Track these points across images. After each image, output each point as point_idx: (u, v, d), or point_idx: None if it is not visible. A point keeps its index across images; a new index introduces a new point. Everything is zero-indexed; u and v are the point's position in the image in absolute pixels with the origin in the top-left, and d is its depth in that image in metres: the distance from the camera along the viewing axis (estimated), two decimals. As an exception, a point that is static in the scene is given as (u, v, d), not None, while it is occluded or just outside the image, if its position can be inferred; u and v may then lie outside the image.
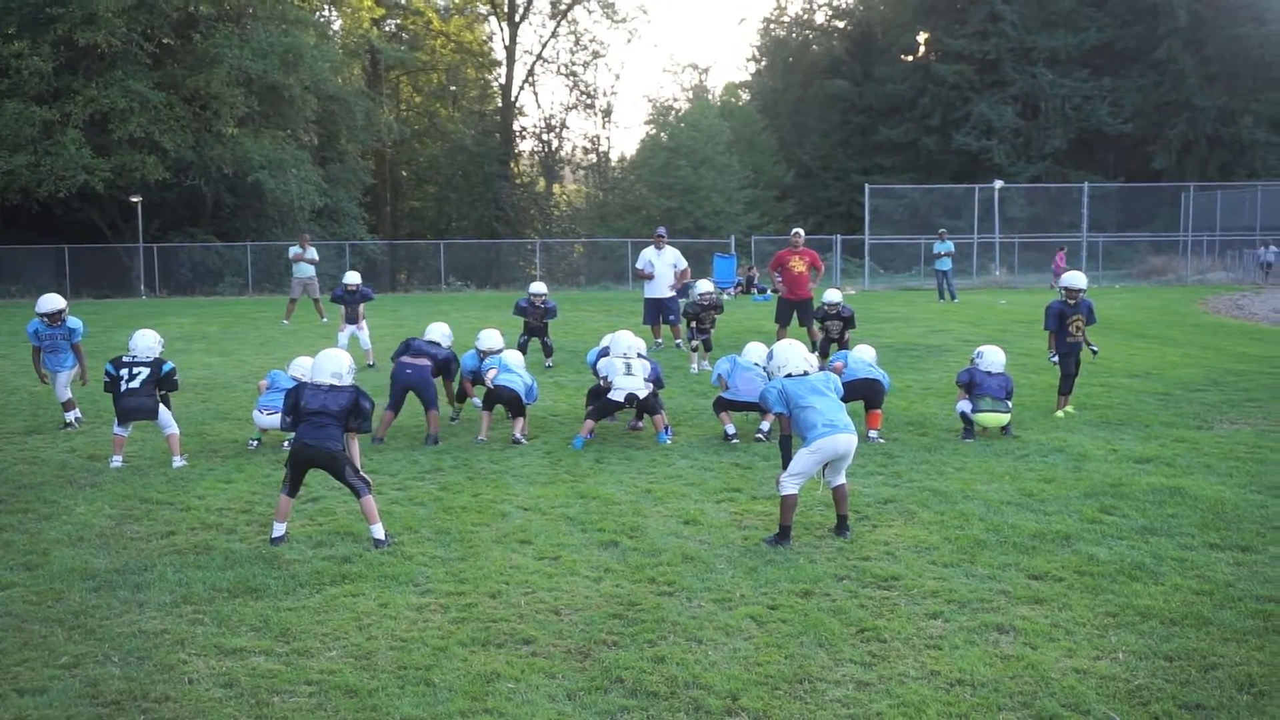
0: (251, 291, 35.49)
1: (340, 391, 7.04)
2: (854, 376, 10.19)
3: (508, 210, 51.69)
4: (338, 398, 6.99)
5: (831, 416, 6.84)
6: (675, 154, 50.06)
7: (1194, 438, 9.88)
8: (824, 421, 6.79)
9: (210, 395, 13.12)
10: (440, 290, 38.05)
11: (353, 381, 7.22)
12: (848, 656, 5.04)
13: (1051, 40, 53.08)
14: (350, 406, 7.00)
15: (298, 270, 23.02)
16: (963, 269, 34.67)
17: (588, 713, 4.52)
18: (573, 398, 12.45)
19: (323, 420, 6.91)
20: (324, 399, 6.98)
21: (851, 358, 10.59)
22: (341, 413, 6.95)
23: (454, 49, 55.08)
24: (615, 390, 9.92)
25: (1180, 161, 51.97)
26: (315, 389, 7.06)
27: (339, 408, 6.96)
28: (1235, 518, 7.16)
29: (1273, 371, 13.85)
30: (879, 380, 10.30)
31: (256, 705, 4.63)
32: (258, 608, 5.77)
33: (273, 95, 36.71)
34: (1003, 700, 4.56)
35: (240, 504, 7.97)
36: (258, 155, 35.08)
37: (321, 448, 6.89)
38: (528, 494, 8.17)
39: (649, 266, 16.83)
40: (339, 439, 6.95)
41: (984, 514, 7.37)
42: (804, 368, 7.21)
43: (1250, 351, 16.07)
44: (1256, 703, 4.48)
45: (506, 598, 5.89)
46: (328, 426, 6.91)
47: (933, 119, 54.42)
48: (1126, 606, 5.58)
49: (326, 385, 7.06)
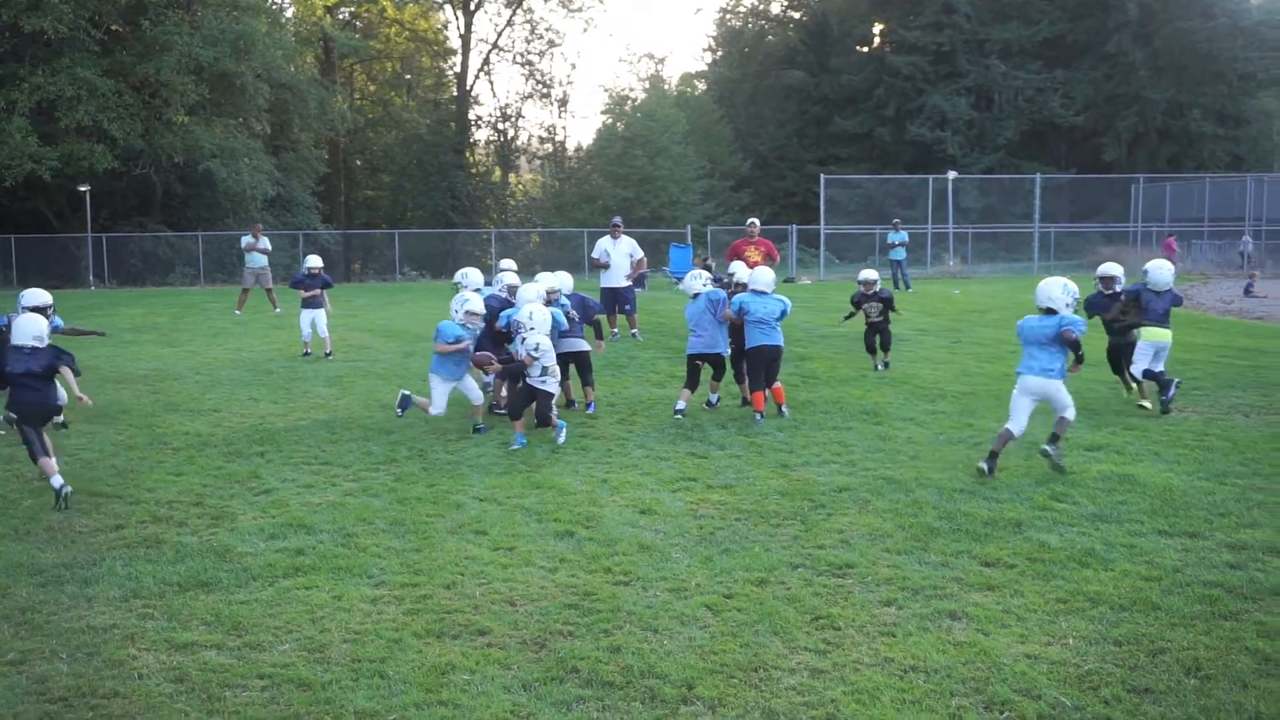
0: (203, 282, 35.10)
1: (40, 353, 7.84)
2: (754, 344, 10.48)
3: (463, 200, 51.38)
4: (39, 359, 7.81)
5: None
6: (631, 144, 49.98)
7: (1143, 426, 10.02)
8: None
9: (161, 387, 12.96)
10: (395, 280, 37.82)
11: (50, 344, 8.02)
12: (802, 644, 5.06)
13: (1005, 32, 53.53)
14: (51, 365, 7.86)
15: (250, 260, 22.76)
16: (917, 259, 34.93)
17: (543, 703, 4.51)
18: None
19: (31, 382, 7.77)
20: (27, 362, 7.78)
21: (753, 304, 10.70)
22: (46, 372, 7.84)
23: (408, 37, 54.63)
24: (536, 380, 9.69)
25: (1130, 153, 52.65)
26: (18, 352, 7.83)
27: (41, 368, 7.81)
28: (1183, 504, 7.27)
29: (1219, 360, 14.08)
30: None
31: (208, 700, 4.58)
32: (209, 601, 5.70)
33: (224, 83, 36.22)
34: (955, 686, 4.60)
35: (191, 497, 7.87)
36: (209, 144, 34.61)
37: (43, 405, 7.95)
38: (483, 484, 8.13)
39: (605, 256, 16.81)
40: (54, 394, 8.22)
41: (937, 502, 7.43)
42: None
43: (1198, 341, 16.32)
44: (1203, 686, 4.55)
45: (461, 589, 5.86)
46: (37, 388, 7.82)
47: (888, 110, 54.71)
48: (1077, 592, 5.65)
49: (28, 348, 7.83)
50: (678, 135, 50.91)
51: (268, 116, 40.87)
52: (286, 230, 38.03)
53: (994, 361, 14.01)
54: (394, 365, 14.49)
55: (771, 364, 10.58)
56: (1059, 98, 53.10)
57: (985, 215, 43.23)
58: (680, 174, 50.12)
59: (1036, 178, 38.32)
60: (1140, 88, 51.73)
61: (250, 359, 15.31)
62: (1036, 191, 37.49)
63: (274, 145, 41.68)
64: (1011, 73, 53.19)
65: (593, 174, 52.96)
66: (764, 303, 10.57)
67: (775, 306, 10.58)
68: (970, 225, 40.35)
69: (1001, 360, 13.99)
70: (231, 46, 34.85)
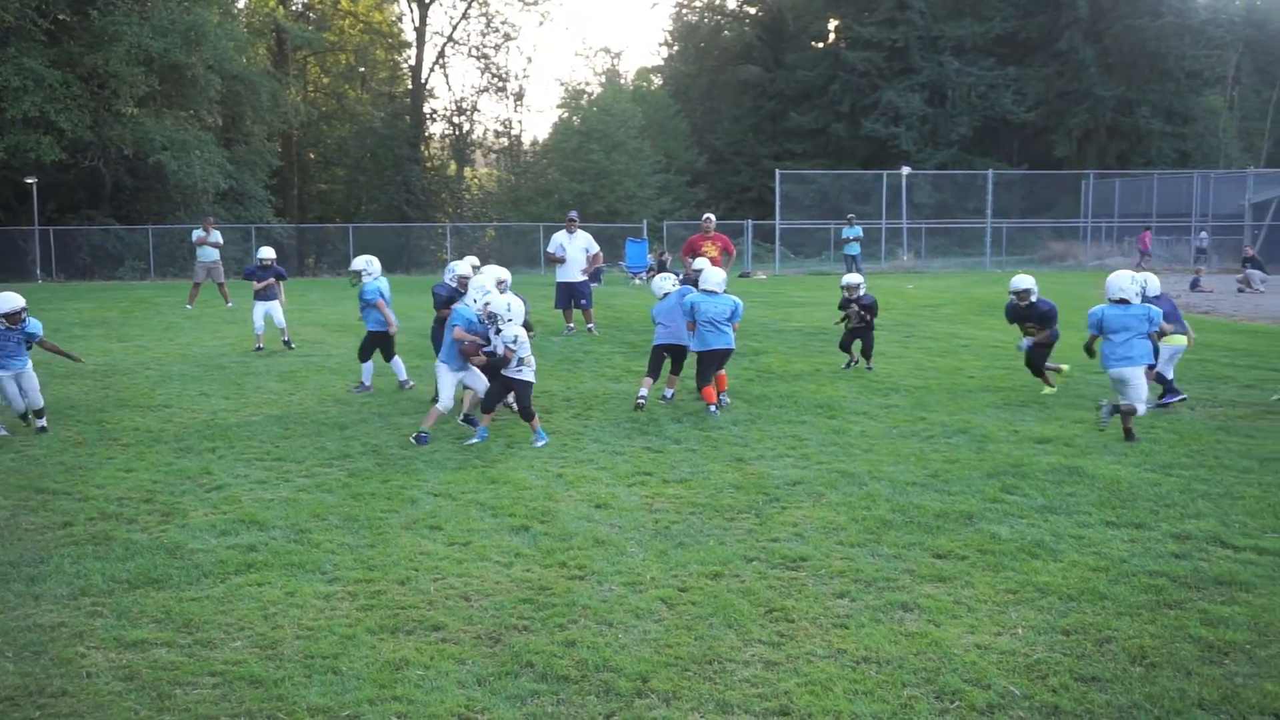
0: (153, 276, 34.62)
1: None
2: (706, 347, 10.65)
3: (418, 194, 51.04)
4: None
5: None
6: (588, 138, 49.89)
7: (1092, 419, 10.16)
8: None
9: (110, 382, 12.79)
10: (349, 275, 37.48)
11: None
12: (756, 637, 5.10)
13: (958, 29, 53.98)
14: None
15: (201, 254, 22.52)
16: (871, 254, 35.19)
17: (498, 698, 4.51)
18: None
19: None
20: None
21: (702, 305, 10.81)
22: None
23: (362, 30, 54.17)
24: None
25: (1081, 150, 53.29)
26: None
27: None
28: (1130, 496, 7.39)
29: (1167, 354, 14.28)
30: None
31: (158, 698, 4.54)
32: (159, 599, 5.64)
33: (174, 75, 35.68)
34: (907, 677, 4.65)
35: (141, 493, 7.78)
36: (159, 136, 34.10)
37: None
38: (438, 480, 8.10)
39: (560, 250, 16.77)
40: None
41: (890, 495, 7.50)
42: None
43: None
44: (1148, 674, 4.63)
45: (416, 584, 5.84)
46: None
47: (842, 105, 55.00)
48: (1026, 583, 5.72)
49: None
50: (634, 130, 50.90)
51: (219, 109, 40.35)
52: (239, 224, 37.59)
53: (946, 356, 14.15)
54: (347, 360, 14.35)
55: (721, 362, 10.84)
56: (1011, 94, 53.62)
57: (939, 211, 43.60)
58: (636, 169, 50.11)
59: (989, 174, 38.70)
60: (1090, 85, 52.37)
61: (202, 354, 15.14)
62: (989, 187, 37.86)
63: (226, 138, 41.17)
64: (964, 69, 53.66)
65: (549, 168, 52.80)
66: (715, 302, 10.68)
67: (726, 306, 10.71)
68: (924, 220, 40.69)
69: (954, 355, 14.14)
70: (182, 37, 34.35)
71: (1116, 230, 41.25)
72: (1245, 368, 12.96)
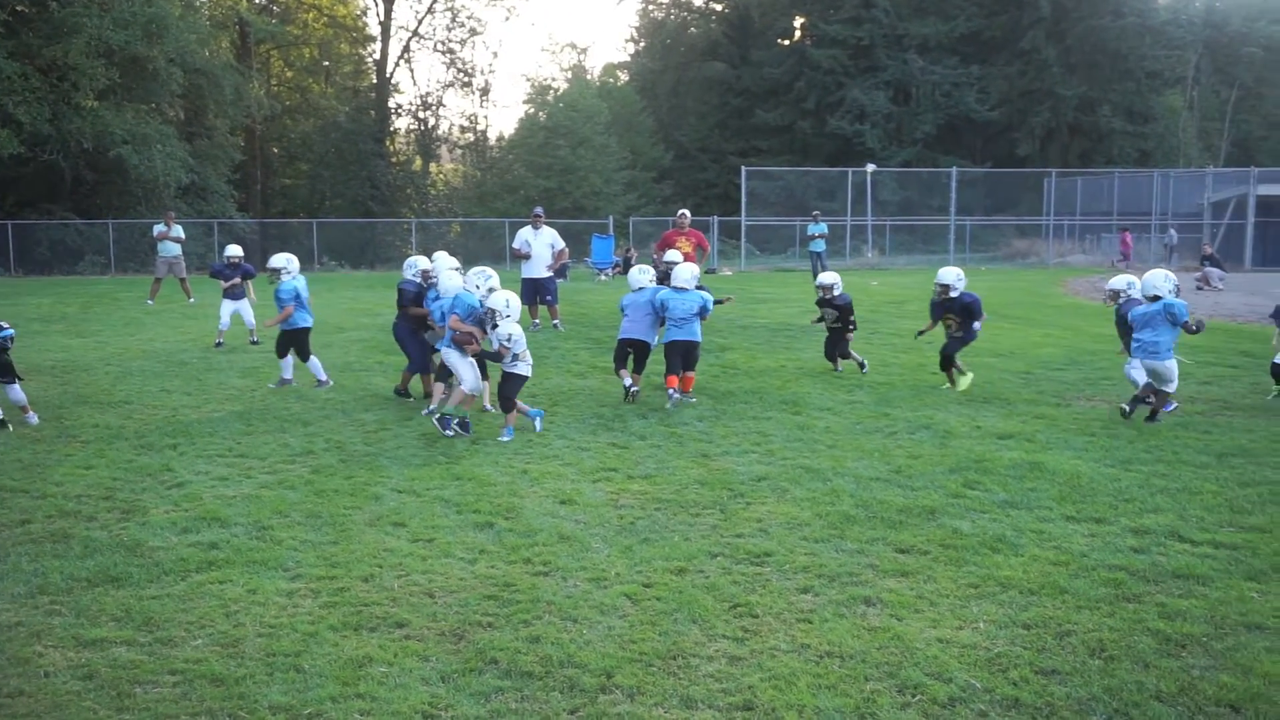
0: (114, 271, 34.23)
1: None
2: (669, 339, 10.97)
3: (383, 189, 50.77)
4: None
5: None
6: (554, 134, 49.82)
7: (1053, 414, 10.27)
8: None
9: (69, 378, 12.63)
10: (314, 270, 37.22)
11: None
12: (721, 632, 5.11)
13: (923, 27, 54.35)
14: None
15: (163, 249, 22.29)
16: (836, 250, 35.34)
17: (461, 694, 4.50)
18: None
19: None
20: None
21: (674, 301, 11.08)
22: None
23: (327, 23, 53.75)
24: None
25: (1043, 148, 53.80)
26: None
27: None
28: (1090, 491, 7.46)
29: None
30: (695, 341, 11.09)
31: (118, 697, 4.49)
32: (119, 597, 5.58)
33: (135, 67, 35.25)
34: (870, 671, 4.68)
35: (100, 490, 7.69)
36: (120, 129, 33.70)
37: None
38: (402, 476, 8.07)
39: (526, 246, 16.74)
40: None
41: (854, 490, 7.54)
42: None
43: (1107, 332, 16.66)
44: (1107, 667, 4.68)
45: (379, 581, 5.81)
46: None
47: (808, 103, 55.25)
48: (988, 577, 5.77)
49: None
50: (600, 126, 50.88)
51: (181, 102, 39.95)
52: (201, 219, 37.23)
53: (910, 352, 14.23)
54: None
55: (687, 354, 10.99)
56: (975, 93, 54.07)
57: (903, 208, 43.86)
58: (602, 165, 50.10)
59: (953, 171, 38.98)
60: (1053, 84, 52.88)
61: (163, 349, 14.99)
62: (953, 185, 38.13)
63: (188, 132, 40.74)
64: (929, 67, 54.04)
65: (515, 164, 52.70)
66: (683, 299, 10.97)
67: (694, 302, 10.97)
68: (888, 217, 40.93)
69: (917, 351, 14.22)
70: (143, 30, 33.95)
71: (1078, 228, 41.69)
72: (1203, 364, 13.11)
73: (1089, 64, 53.38)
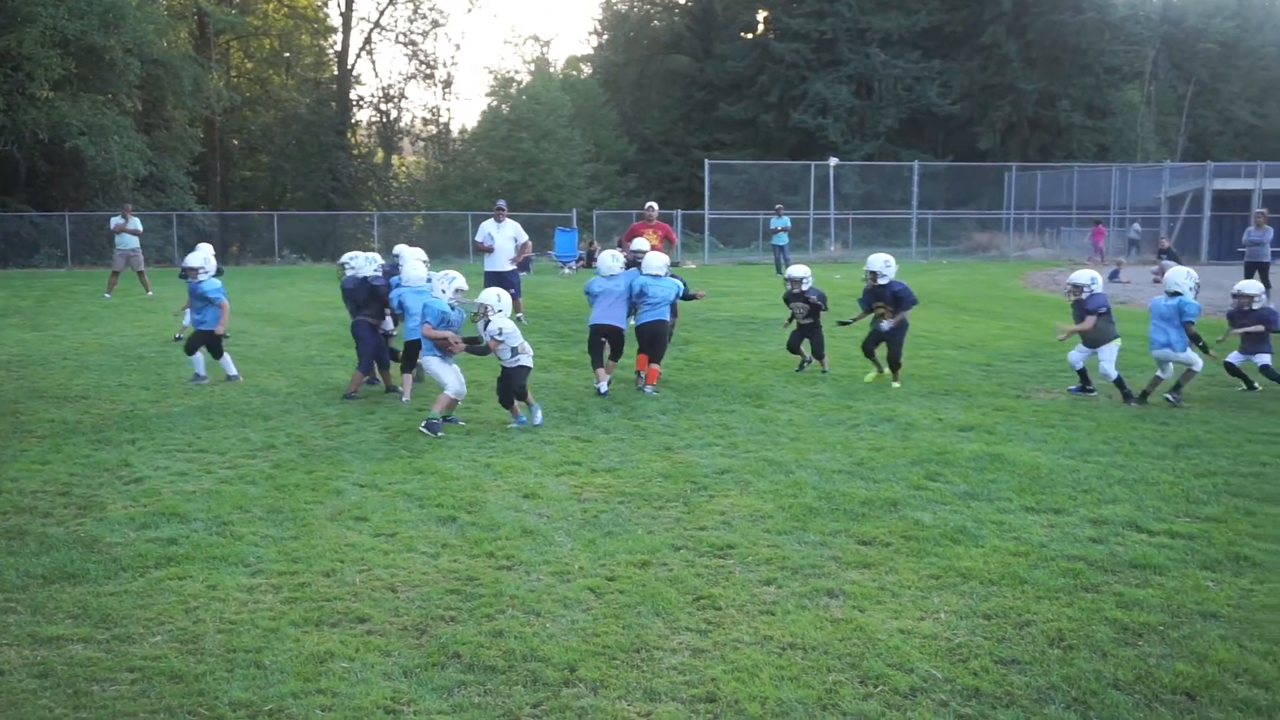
0: (70, 264, 33.78)
1: None
2: (640, 321, 11.29)
3: (344, 181, 50.39)
4: None
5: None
6: (517, 127, 49.63)
7: (1013, 406, 10.36)
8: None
9: (25, 373, 12.46)
10: (274, 263, 36.96)
11: None
12: (684, 625, 5.12)
13: (885, 22, 54.57)
14: None
15: (120, 242, 22.01)
16: (799, 244, 35.49)
17: (424, 689, 4.48)
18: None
19: None
20: None
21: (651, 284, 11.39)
22: None
23: (287, 14, 53.20)
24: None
25: (1004, 142, 54.23)
26: None
27: None
28: (1049, 482, 7.54)
29: (1086, 343, 14.58)
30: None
31: (74, 695, 4.43)
32: (76, 594, 5.52)
33: (92, 58, 34.73)
34: (831, 662, 4.70)
35: (57, 486, 7.60)
36: (76, 120, 33.20)
37: None
38: (364, 470, 8.02)
39: (488, 240, 16.67)
40: None
41: (817, 482, 7.57)
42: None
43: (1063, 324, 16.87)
44: (1066, 656, 4.73)
45: (341, 576, 5.78)
46: None
47: (771, 96, 55.36)
48: (949, 568, 5.82)
49: None
50: (563, 119, 50.73)
51: (139, 93, 39.40)
52: (159, 211, 36.80)
53: (873, 345, 14.29)
54: (272, 350, 14.17)
55: (655, 338, 11.26)
56: (936, 87, 54.39)
57: (865, 201, 44.10)
58: (566, 158, 49.96)
59: (915, 165, 39.21)
60: (1013, 79, 53.30)
61: (120, 344, 14.81)
62: (914, 178, 38.38)
63: (146, 123, 40.22)
64: (891, 62, 54.29)
65: (477, 156, 52.46)
66: (660, 285, 11.33)
67: (671, 289, 11.43)
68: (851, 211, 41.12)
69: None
70: (100, 19, 33.44)
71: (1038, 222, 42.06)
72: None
73: (1049, 59, 53.84)
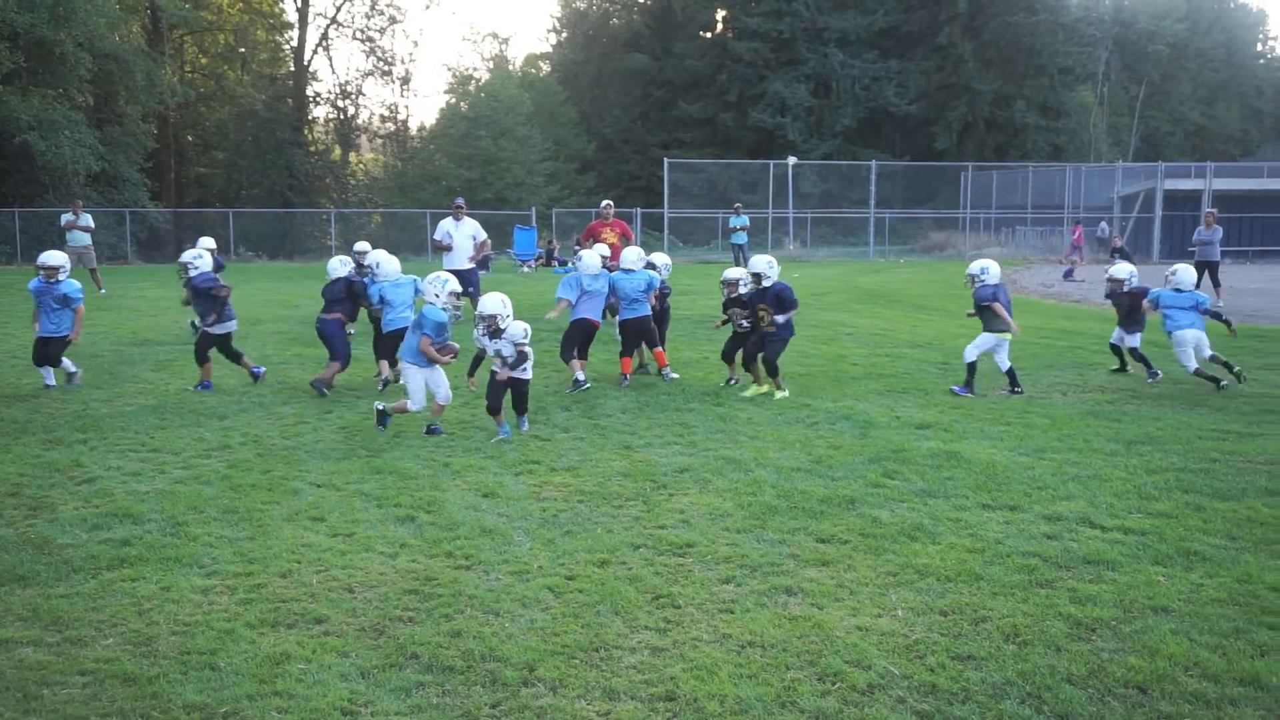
0: (20, 261, 33.22)
1: None
2: (622, 318, 11.58)
3: (301, 179, 49.86)
4: None
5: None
6: (475, 124, 49.44)
7: (969, 405, 10.45)
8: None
9: (-27, 372, 12.26)
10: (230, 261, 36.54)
11: None
12: (643, 623, 5.12)
13: (842, 21, 54.88)
14: None
15: (71, 238, 21.74)
16: (758, 242, 35.59)
17: (382, 690, 4.45)
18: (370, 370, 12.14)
19: None
20: None
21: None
22: None
23: (242, 9, 52.64)
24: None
25: (960, 142, 54.72)
26: None
27: None
28: (1005, 479, 7.61)
29: (1040, 342, 14.76)
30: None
31: (24, 699, 4.36)
32: (25, 596, 5.43)
33: (42, 51, 34.22)
34: (790, 660, 4.72)
35: (6, 487, 7.47)
36: (25, 115, 32.72)
37: None
38: (321, 470, 7.96)
39: (447, 238, 16.59)
40: None
41: (775, 481, 7.60)
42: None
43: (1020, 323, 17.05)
44: (1021, 651, 4.78)
45: (298, 577, 5.73)
46: None
47: (730, 95, 55.53)
48: (906, 566, 5.86)
49: None
50: (522, 116, 50.60)
51: (90, 88, 38.83)
52: (112, 208, 36.33)
53: (830, 343, 14.39)
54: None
55: (640, 334, 11.57)
56: (893, 87, 54.78)
57: (824, 200, 44.33)
58: (525, 156, 49.84)
59: (873, 164, 39.49)
60: (969, 79, 53.78)
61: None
62: (872, 178, 38.63)
63: (98, 118, 39.65)
64: (849, 61, 54.61)
65: (436, 154, 52.18)
66: (632, 279, 11.54)
67: (641, 281, 11.57)
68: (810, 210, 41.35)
69: (837, 342, 14.39)
70: (50, 12, 32.95)
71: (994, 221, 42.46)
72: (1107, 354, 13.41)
73: (1004, 59, 54.39)
